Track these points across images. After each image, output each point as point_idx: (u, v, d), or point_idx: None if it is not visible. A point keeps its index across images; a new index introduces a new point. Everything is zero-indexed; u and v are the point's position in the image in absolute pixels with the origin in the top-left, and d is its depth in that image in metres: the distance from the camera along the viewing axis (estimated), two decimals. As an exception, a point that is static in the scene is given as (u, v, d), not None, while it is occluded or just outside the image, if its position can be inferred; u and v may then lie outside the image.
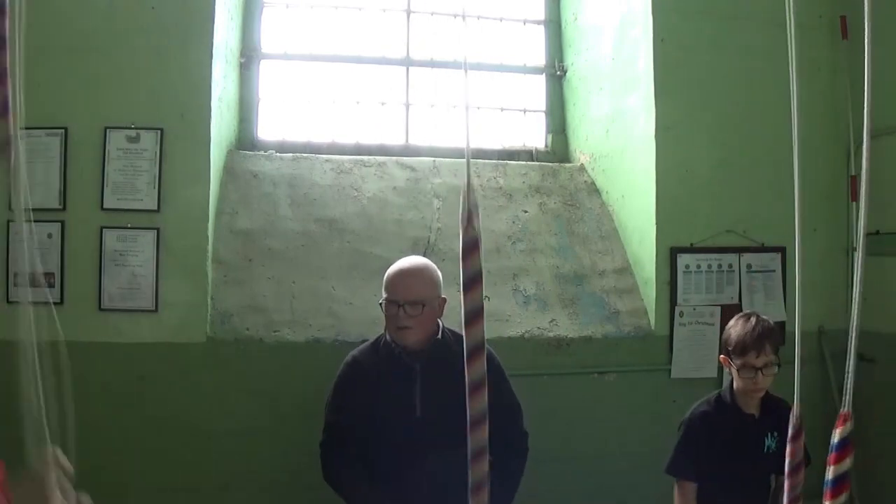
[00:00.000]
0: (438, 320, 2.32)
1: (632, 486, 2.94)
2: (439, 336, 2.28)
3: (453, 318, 2.83)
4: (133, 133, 2.71)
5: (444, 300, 2.31)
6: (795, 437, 1.07)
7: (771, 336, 2.16)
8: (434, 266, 2.34)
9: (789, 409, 2.33)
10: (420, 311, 2.19)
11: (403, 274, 2.25)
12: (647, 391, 3.05)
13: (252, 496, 2.74)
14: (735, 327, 2.20)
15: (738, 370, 2.16)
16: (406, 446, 2.15)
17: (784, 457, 2.24)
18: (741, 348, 2.14)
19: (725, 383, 2.41)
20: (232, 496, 2.72)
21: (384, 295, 2.25)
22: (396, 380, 2.22)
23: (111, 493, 2.62)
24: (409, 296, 2.19)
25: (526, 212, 3.33)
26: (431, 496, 2.12)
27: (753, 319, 2.19)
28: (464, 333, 0.89)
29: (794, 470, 1.26)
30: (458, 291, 0.92)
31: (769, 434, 2.20)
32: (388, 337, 2.29)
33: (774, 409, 2.22)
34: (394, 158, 3.37)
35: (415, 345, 2.22)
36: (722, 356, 2.26)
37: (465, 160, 0.89)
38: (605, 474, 2.98)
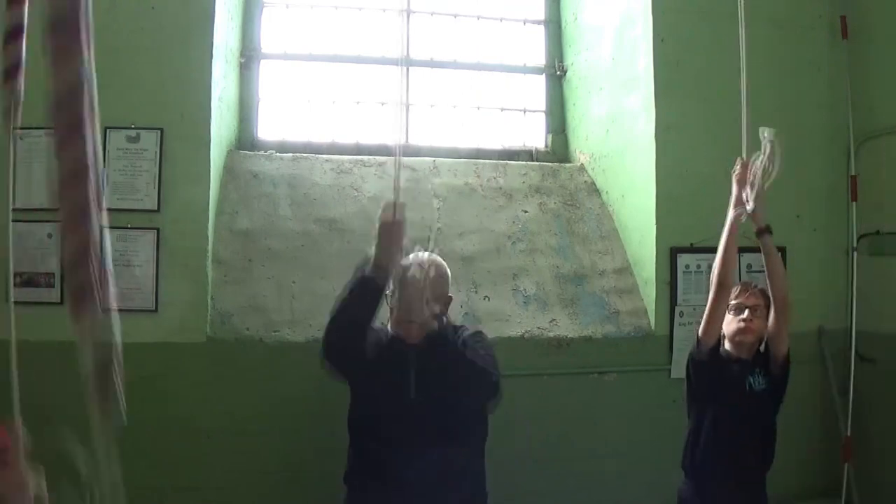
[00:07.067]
0: (443, 317, 2.30)
1: (632, 486, 2.94)
2: (437, 327, 2.26)
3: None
4: (133, 133, 2.71)
5: (450, 298, 2.32)
6: None
7: (761, 289, 2.40)
8: (445, 265, 2.33)
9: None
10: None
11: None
12: (647, 391, 3.05)
13: (252, 496, 2.74)
14: None
15: (731, 313, 2.35)
16: (397, 432, 2.16)
17: (774, 395, 2.31)
18: (734, 294, 2.36)
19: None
20: (231, 496, 2.71)
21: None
22: (392, 365, 2.22)
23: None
24: None
25: (526, 212, 3.33)
26: (424, 485, 2.12)
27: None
28: None
29: None
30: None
31: (753, 372, 2.32)
32: (388, 328, 2.30)
33: (764, 355, 2.38)
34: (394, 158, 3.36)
35: (414, 337, 2.23)
36: None
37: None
38: (605, 474, 2.98)
